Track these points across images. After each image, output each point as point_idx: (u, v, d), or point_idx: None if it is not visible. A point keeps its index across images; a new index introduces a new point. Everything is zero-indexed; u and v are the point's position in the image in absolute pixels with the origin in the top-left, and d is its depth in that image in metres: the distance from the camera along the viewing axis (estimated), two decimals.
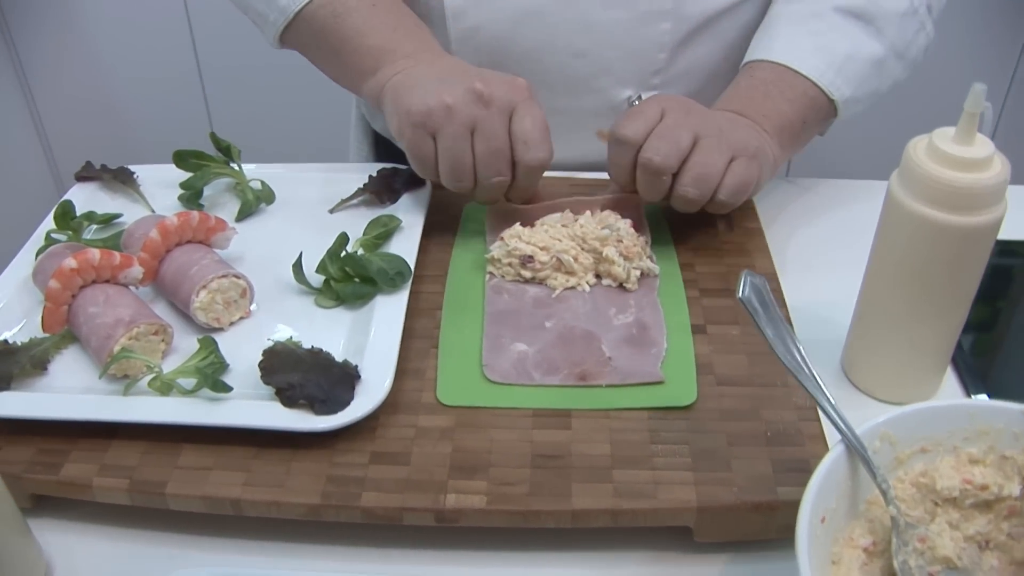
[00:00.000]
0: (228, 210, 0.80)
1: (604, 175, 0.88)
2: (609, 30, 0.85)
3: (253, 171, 0.82)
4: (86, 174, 0.82)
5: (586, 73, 0.88)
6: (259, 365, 0.61)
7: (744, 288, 0.52)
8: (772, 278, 0.74)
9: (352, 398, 0.59)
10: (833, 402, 0.52)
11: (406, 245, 0.73)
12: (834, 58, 0.79)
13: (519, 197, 0.75)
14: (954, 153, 0.57)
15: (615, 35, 0.86)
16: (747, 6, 0.88)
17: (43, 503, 0.61)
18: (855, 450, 0.51)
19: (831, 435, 0.59)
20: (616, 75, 0.88)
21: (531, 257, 0.71)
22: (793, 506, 0.55)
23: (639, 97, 0.89)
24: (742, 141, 0.74)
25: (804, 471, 0.57)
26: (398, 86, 0.74)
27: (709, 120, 0.73)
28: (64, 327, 0.66)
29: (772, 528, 0.57)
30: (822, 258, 0.80)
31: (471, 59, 0.86)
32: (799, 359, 0.52)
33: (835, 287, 0.74)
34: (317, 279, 0.71)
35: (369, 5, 0.78)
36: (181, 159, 0.80)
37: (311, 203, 0.81)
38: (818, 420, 0.61)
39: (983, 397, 0.67)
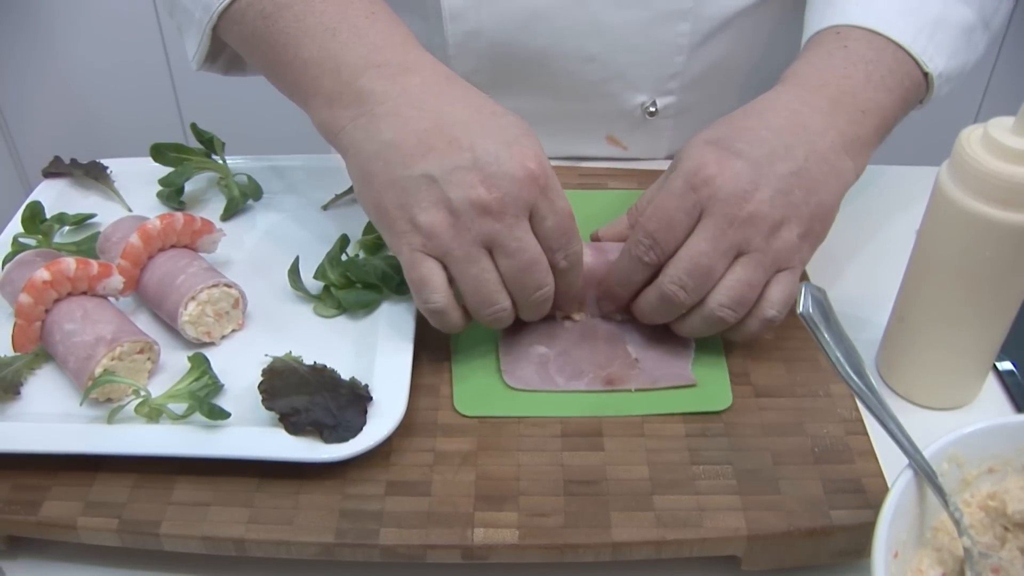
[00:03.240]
0: (212, 208, 0.74)
1: (613, 164, 0.84)
2: (622, 32, 0.77)
3: (237, 165, 0.76)
4: (55, 170, 0.75)
5: (597, 78, 0.80)
6: (259, 388, 0.55)
7: (806, 302, 0.47)
8: (800, 275, 0.69)
9: (364, 423, 0.54)
10: (903, 427, 0.48)
11: None
12: (924, 22, 0.65)
13: (567, 304, 0.63)
14: (1012, 145, 0.53)
15: (629, 37, 0.77)
16: (771, 2, 0.80)
17: (19, 544, 0.55)
18: (925, 477, 0.47)
19: (881, 449, 0.55)
20: (629, 80, 0.80)
21: None
22: (848, 531, 0.52)
23: (653, 103, 0.82)
24: (809, 220, 0.59)
25: (857, 491, 0.54)
26: (365, 159, 0.57)
27: (762, 219, 0.57)
28: (37, 345, 0.60)
29: (824, 553, 0.53)
30: (856, 252, 0.75)
31: (471, 65, 0.80)
32: (865, 381, 0.48)
33: (870, 283, 0.70)
34: (315, 285, 0.65)
35: None
36: (159, 153, 0.74)
37: (301, 199, 0.75)
38: (866, 434, 0.57)
39: None
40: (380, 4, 0.63)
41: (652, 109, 0.82)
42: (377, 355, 0.59)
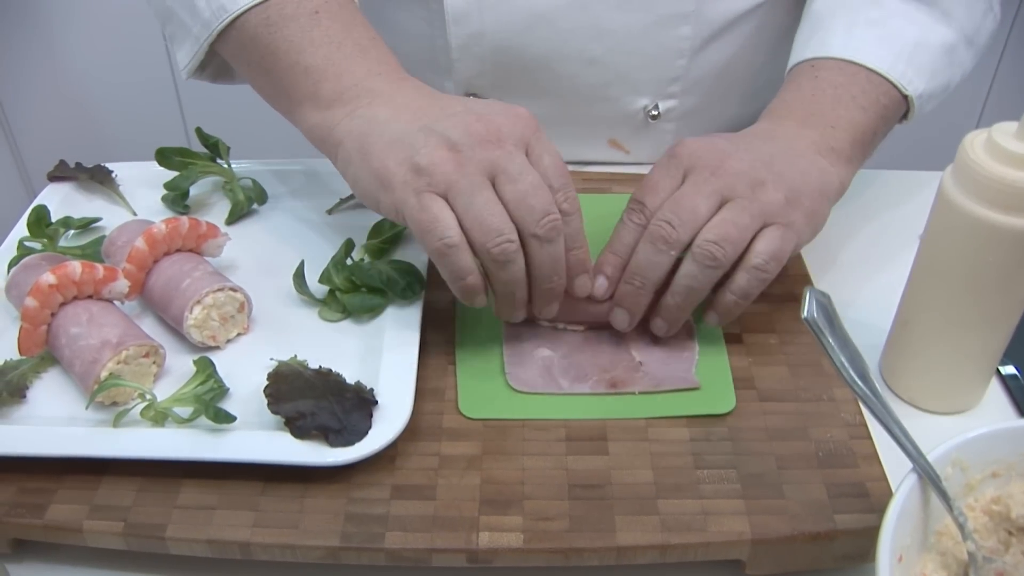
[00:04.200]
0: (217, 212, 0.74)
1: (617, 168, 0.84)
2: (624, 36, 0.78)
3: (242, 169, 0.76)
4: (60, 174, 0.76)
5: (599, 81, 0.80)
6: (265, 392, 0.55)
7: (810, 307, 0.48)
8: (804, 280, 0.70)
9: (370, 427, 0.54)
10: (907, 431, 0.48)
11: (416, 250, 0.68)
12: (902, 47, 0.69)
13: (573, 265, 0.60)
14: (1016, 150, 0.53)
15: (631, 41, 0.78)
16: (773, 7, 0.81)
17: (25, 547, 0.55)
18: (929, 481, 0.47)
19: (885, 453, 0.56)
20: (631, 83, 0.81)
21: None
22: (852, 535, 0.52)
23: (656, 106, 0.82)
24: (791, 190, 0.60)
25: (861, 496, 0.54)
26: (362, 137, 0.59)
27: (743, 173, 0.60)
28: (43, 349, 0.60)
29: (829, 558, 0.53)
30: (859, 257, 0.75)
31: (474, 68, 0.80)
32: (869, 385, 0.48)
33: (874, 288, 0.71)
34: (320, 290, 0.65)
35: (310, 12, 0.63)
36: (164, 157, 0.74)
37: (306, 203, 0.75)
38: (870, 438, 0.57)
39: None
40: (378, 37, 0.66)
41: (654, 112, 0.83)
42: (382, 359, 0.59)
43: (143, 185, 0.75)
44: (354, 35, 0.64)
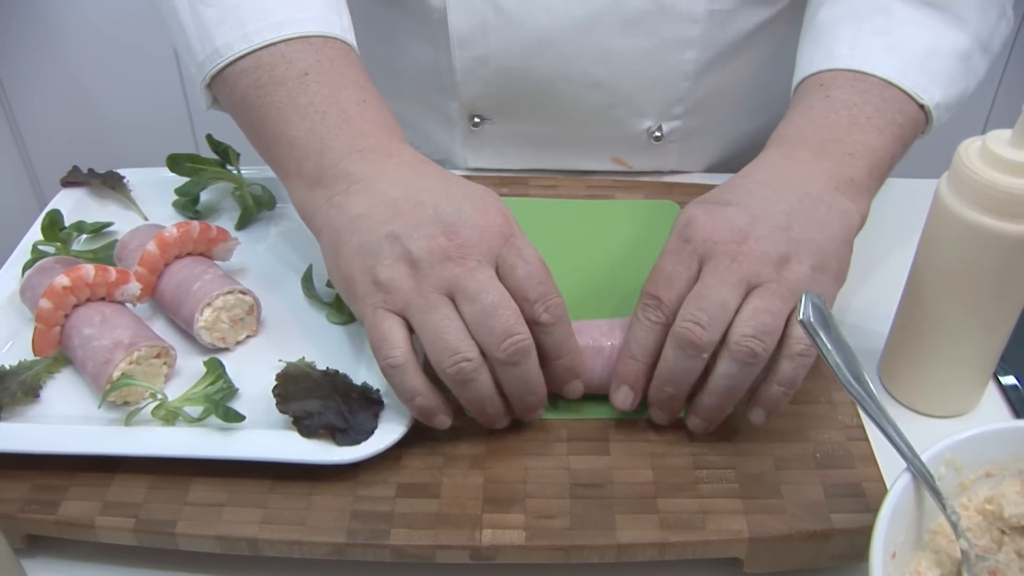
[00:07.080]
0: (227, 217, 0.76)
1: (620, 176, 0.85)
2: (629, 59, 0.77)
3: (251, 175, 0.77)
4: (73, 179, 0.77)
5: (603, 104, 0.80)
6: (273, 392, 0.56)
7: (806, 310, 0.48)
8: None
9: (376, 426, 0.55)
10: (900, 432, 0.49)
11: None
12: (913, 55, 0.65)
13: (563, 376, 0.57)
14: (1010, 157, 0.54)
15: (635, 64, 0.77)
16: (777, 25, 0.80)
17: (38, 542, 0.56)
18: (923, 480, 0.48)
19: (881, 455, 0.56)
20: (635, 105, 0.81)
21: None
22: (848, 534, 0.53)
23: (659, 127, 0.82)
24: (817, 255, 0.56)
25: (858, 496, 0.55)
26: (336, 234, 0.57)
27: (766, 255, 0.55)
28: (57, 349, 0.61)
29: (825, 557, 0.54)
30: (858, 262, 0.75)
31: (478, 91, 0.80)
32: (864, 387, 0.49)
33: (873, 294, 0.72)
34: (328, 293, 0.66)
35: (299, 75, 0.61)
36: (175, 163, 0.75)
37: None
38: (867, 440, 0.58)
39: None
40: (372, 92, 0.63)
41: (658, 134, 0.83)
42: None
43: (154, 191, 0.77)
44: (341, 100, 0.61)
